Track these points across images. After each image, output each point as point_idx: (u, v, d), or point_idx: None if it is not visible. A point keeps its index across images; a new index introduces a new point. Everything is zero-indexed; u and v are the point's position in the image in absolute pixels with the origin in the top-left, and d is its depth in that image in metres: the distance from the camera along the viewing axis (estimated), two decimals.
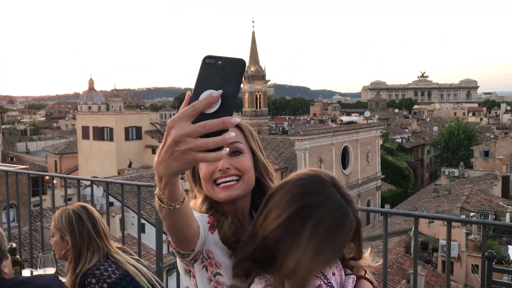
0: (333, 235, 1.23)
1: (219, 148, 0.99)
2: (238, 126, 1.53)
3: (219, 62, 1.01)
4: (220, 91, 0.98)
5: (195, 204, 1.53)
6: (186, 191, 1.54)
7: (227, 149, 1.00)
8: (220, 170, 1.44)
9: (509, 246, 19.09)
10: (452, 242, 19.67)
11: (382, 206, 32.24)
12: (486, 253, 2.74)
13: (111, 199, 17.09)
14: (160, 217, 1.22)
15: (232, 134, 0.99)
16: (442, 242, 19.02)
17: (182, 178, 1.24)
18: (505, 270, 6.04)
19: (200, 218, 1.41)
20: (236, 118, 1.01)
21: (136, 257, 2.66)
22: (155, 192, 1.16)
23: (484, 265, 2.73)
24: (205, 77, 1.01)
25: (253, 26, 62.82)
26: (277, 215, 1.26)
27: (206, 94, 0.98)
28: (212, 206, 1.51)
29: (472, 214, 22.16)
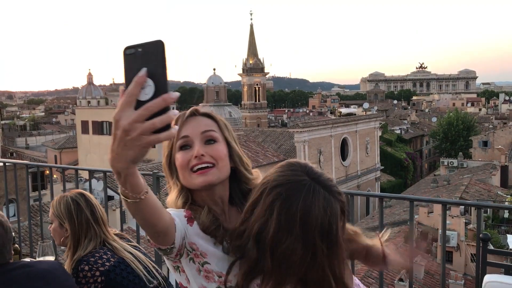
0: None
1: (168, 128, 1.02)
2: (211, 117, 1.58)
3: (140, 50, 1.02)
4: (145, 69, 1.00)
5: (171, 200, 1.57)
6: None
7: (176, 127, 1.03)
8: (196, 157, 1.48)
9: (508, 235, 19.19)
10: (451, 232, 19.80)
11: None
12: (481, 235, 2.80)
13: (111, 192, 17.07)
14: (132, 215, 1.24)
15: (175, 112, 1.01)
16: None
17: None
18: (499, 251, 6.11)
19: (177, 214, 1.45)
20: (175, 93, 1.02)
21: (134, 243, 2.66)
22: (119, 191, 1.18)
23: (479, 247, 2.75)
24: (131, 68, 1.02)
25: (251, 19, 62.89)
26: (264, 219, 1.29)
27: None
28: (188, 199, 1.54)
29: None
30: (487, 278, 2.25)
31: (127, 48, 1.04)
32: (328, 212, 1.26)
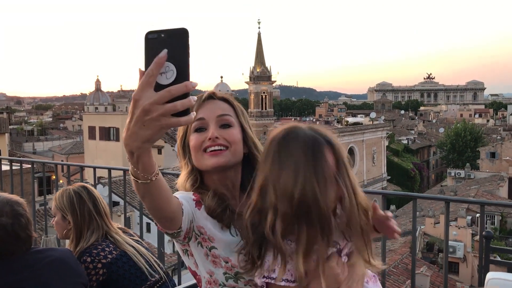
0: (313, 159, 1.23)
1: (187, 113, 1.03)
2: (228, 102, 1.60)
3: (162, 35, 1.03)
4: (165, 50, 1.00)
5: (180, 182, 1.59)
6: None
7: (194, 112, 1.04)
8: (210, 138, 1.49)
9: None
10: (457, 243, 19.69)
11: (388, 207, 32.20)
12: (484, 233, 2.85)
13: (116, 198, 17.08)
14: (140, 198, 1.23)
15: (195, 98, 1.02)
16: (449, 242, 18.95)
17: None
18: (502, 249, 6.11)
19: (185, 197, 1.46)
20: (195, 82, 1.03)
21: (137, 238, 2.68)
22: (129, 171, 1.17)
23: (482, 244, 2.78)
24: (152, 52, 1.02)
25: (259, 28, 62.61)
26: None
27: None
28: (196, 181, 1.55)
29: (477, 215, 22.06)
30: (490, 275, 2.28)
31: (149, 33, 1.04)
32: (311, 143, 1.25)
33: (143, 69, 1.03)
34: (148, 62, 1.03)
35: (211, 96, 1.58)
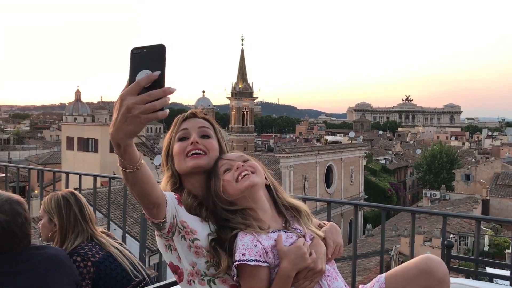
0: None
1: (162, 109, 1.24)
2: (208, 121, 1.85)
3: (144, 50, 1.26)
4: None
5: (161, 185, 1.77)
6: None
7: (168, 110, 1.26)
8: (191, 143, 1.73)
9: (487, 268, 19.27)
10: None
11: (364, 226, 32.46)
12: (445, 242, 3.14)
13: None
14: (128, 188, 1.43)
15: (169, 98, 1.25)
16: None
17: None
18: (461, 257, 6.57)
19: (169, 194, 1.65)
20: (173, 87, 1.24)
21: (120, 241, 2.80)
22: (118, 164, 1.36)
23: (443, 252, 3.00)
24: (136, 64, 1.26)
25: (242, 44, 63.10)
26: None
27: (143, 73, 1.25)
28: (176, 183, 1.77)
29: (451, 235, 22.44)
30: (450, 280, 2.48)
31: (134, 49, 1.28)
32: None
33: (128, 77, 1.26)
34: (133, 71, 1.26)
35: (194, 115, 1.84)
